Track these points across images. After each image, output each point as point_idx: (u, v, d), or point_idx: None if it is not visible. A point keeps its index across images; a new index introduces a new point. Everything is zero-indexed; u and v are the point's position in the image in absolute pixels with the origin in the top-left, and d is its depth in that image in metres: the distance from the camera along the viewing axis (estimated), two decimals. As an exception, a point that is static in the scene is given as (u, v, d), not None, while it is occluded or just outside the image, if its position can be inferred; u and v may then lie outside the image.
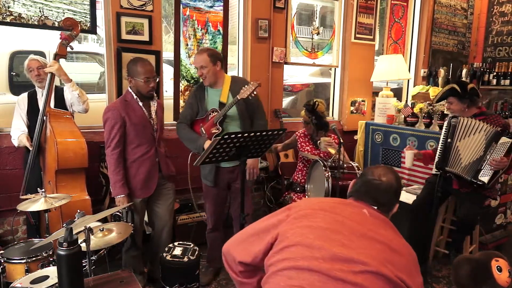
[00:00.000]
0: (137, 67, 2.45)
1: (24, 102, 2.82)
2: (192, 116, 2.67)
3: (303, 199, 1.38)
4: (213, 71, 2.55)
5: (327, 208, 1.28)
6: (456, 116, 2.74)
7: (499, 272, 1.42)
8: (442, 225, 3.33)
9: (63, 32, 2.63)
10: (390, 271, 1.11)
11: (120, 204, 2.45)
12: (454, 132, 2.72)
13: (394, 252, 1.17)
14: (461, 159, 2.73)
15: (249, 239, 1.32)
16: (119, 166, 2.46)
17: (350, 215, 1.26)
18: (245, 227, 1.41)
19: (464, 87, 2.74)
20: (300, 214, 1.27)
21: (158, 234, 2.77)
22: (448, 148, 2.73)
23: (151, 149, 2.56)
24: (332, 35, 4.53)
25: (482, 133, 2.65)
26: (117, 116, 2.43)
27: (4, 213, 3.00)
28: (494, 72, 4.94)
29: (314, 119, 3.09)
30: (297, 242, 1.18)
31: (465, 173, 2.72)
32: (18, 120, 2.80)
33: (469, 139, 2.70)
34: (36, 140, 2.62)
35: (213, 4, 3.64)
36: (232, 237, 1.42)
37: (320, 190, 2.79)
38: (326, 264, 1.11)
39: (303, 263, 1.13)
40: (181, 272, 2.39)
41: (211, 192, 2.74)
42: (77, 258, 1.53)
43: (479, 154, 2.67)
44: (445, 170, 2.75)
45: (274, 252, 1.22)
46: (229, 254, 1.37)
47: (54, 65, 2.61)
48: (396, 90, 5.27)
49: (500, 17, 5.34)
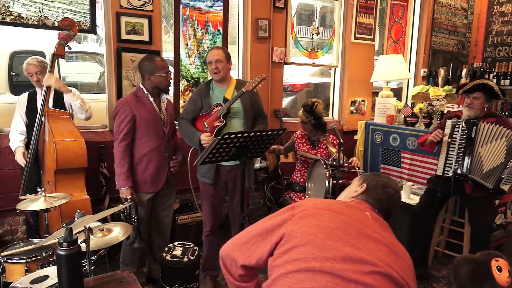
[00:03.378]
0: (155, 63, 2.53)
1: (24, 101, 2.83)
2: (194, 112, 2.67)
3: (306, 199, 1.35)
4: (227, 68, 2.62)
5: (333, 208, 1.26)
6: (475, 120, 2.68)
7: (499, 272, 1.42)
8: (442, 225, 3.33)
9: (61, 32, 2.62)
10: (396, 273, 1.11)
11: (124, 196, 2.47)
12: (475, 138, 2.66)
13: (398, 256, 1.18)
14: (482, 166, 2.66)
15: (252, 241, 1.27)
16: (125, 159, 2.48)
17: (356, 216, 1.25)
18: (244, 229, 1.36)
19: (495, 89, 2.65)
20: (306, 213, 1.23)
21: (158, 234, 2.77)
22: (470, 155, 2.67)
23: (161, 144, 2.58)
24: (332, 35, 4.53)
25: (504, 138, 2.62)
26: (127, 110, 2.47)
27: (4, 213, 3.00)
28: (494, 72, 4.93)
29: (312, 119, 3.09)
30: (306, 241, 1.13)
31: (486, 180, 2.67)
32: (18, 119, 2.81)
33: (491, 145, 2.64)
34: (34, 140, 2.61)
35: (213, 4, 3.64)
36: (230, 239, 1.35)
37: (321, 189, 2.79)
38: (338, 264, 1.08)
39: (315, 264, 1.08)
40: (181, 272, 2.38)
41: (209, 191, 2.69)
42: (77, 258, 1.52)
43: (500, 160, 2.62)
44: (468, 177, 2.69)
45: (281, 252, 1.16)
46: (229, 257, 1.31)
47: (51, 78, 2.60)
48: (396, 90, 5.27)
49: (500, 17, 5.34)
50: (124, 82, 3.24)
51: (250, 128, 2.62)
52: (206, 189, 2.70)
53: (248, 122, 2.63)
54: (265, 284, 1.17)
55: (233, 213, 2.78)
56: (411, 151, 3.83)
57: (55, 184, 2.55)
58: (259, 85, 2.50)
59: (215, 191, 2.70)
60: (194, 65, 3.65)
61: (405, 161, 3.90)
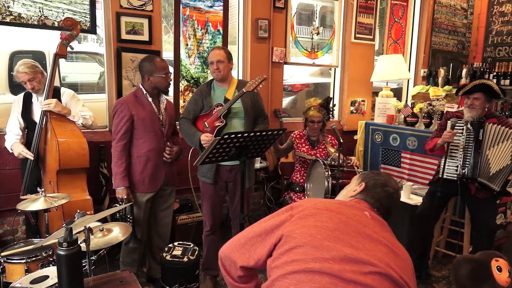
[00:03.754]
0: (155, 63, 2.52)
1: (19, 102, 2.75)
2: (195, 112, 2.67)
3: (305, 199, 1.33)
4: (228, 68, 2.62)
5: (332, 208, 1.25)
6: (480, 121, 2.66)
7: (499, 272, 1.42)
8: (442, 225, 3.33)
9: (63, 32, 2.61)
10: (396, 273, 1.11)
11: (120, 196, 2.48)
12: (483, 140, 2.64)
13: (397, 255, 1.17)
14: (490, 168, 2.65)
15: (251, 242, 1.26)
16: (122, 158, 2.48)
17: (354, 216, 1.24)
18: (243, 230, 1.35)
19: (495, 88, 2.62)
20: (304, 213, 1.23)
21: (157, 234, 2.77)
22: (477, 157, 2.65)
23: (159, 144, 2.58)
24: (332, 35, 4.53)
25: (510, 140, 2.60)
26: (125, 109, 2.47)
27: (4, 213, 3.00)
28: (494, 72, 4.93)
29: (326, 114, 3.12)
30: (305, 242, 1.13)
31: (493, 182, 2.65)
32: (13, 121, 2.73)
33: (497, 147, 2.63)
34: (36, 140, 2.61)
35: (213, 4, 3.64)
36: (229, 240, 1.35)
37: (320, 189, 2.79)
38: (337, 265, 1.08)
39: (314, 265, 1.08)
40: (181, 272, 2.38)
41: (209, 191, 2.70)
42: (77, 258, 1.53)
43: (506, 162, 2.61)
44: (477, 180, 2.67)
45: (280, 253, 1.16)
46: (228, 258, 1.31)
47: (51, 103, 2.54)
48: (396, 90, 5.27)
49: (500, 17, 5.34)
50: (124, 82, 3.24)
51: (251, 129, 2.62)
52: (206, 188, 2.71)
53: (249, 123, 2.63)
54: (264, 285, 1.17)
55: (234, 213, 2.78)
56: (411, 151, 3.83)
57: (57, 184, 2.55)
58: (259, 86, 2.50)
59: (215, 191, 2.70)
60: (194, 65, 3.65)
61: (405, 161, 3.90)
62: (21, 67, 2.61)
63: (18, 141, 2.68)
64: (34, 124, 2.66)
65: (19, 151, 2.62)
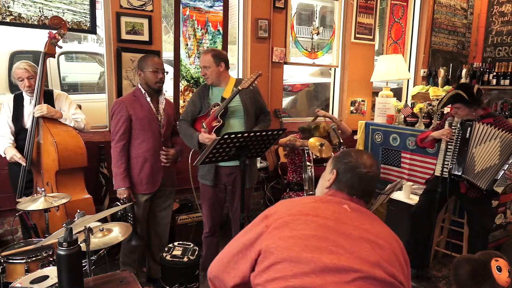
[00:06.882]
0: (147, 60, 2.53)
1: (10, 105, 2.68)
2: (194, 113, 2.67)
3: (279, 202, 1.29)
4: (216, 71, 2.58)
5: (307, 211, 1.20)
6: (470, 121, 2.71)
7: (499, 272, 1.42)
8: (442, 225, 3.33)
9: (51, 31, 2.56)
10: (382, 271, 1.08)
11: (121, 196, 2.48)
12: (470, 138, 2.68)
13: (382, 248, 1.14)
14: (475, 166, 2.70)
15: (233, 259, 1.22)
16: (122, 159, 2.48)
17: (333, 214, 1.19)
18: (226, 245, 1.31)
19: (470, 91, 2.65)
20: (279, 223, 1.18)
21: (156, 235, 2.77)
22: (464, 155, 2.69)
23: (157, 145, 2.57)
24: (332, 35, 4.53)
25: (497, 140, 2.63)
26: (123, 109, 2.47)
27: (4, 213, 3.00)
28: (494, 72, 4.94)
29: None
30: (283, 258, 1.09)
31: (478, 180, 2.69)
32: (3, 124, 2.66)
33: (484, 145, 2.67)
34: (29, 142, 2.54)
35: (213, 4, 3.64)
36: (215, 259, 1.31)
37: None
38: (318, 279, 1.05)
39: (294, 282, 1.05)
40: (181, 272, 2.38)
41: (209, 193, 2.70)
42: (77, 258, 1.53)
43: (494, 162, 2.65)
44: (462, 177, 2.72)
45: (260, 270, 1.13)
46: (218, 279, 1.27)
47: (42, 108, 2.51)
48: (396, 90, 5.27)
49: (500, 17, 5.34)
50: (124, 82, 3.24)
51: (252, 127, 2.62)
52: (206, 191, 2.71)
53: (249, 121, 2.63)
54: None
55: (233, 215, 2.79)
56: (411, 151, 3.83)
57: (56, 184, 2.55)
58: (255, 82, 2.49)
59: (215, 193, 2.71)
60: (194, 65, 3.65)
61: (405, 161, 3.90)
62: (22, 64, 2.62)
63: (11, 146, 2.61)
64: (25, 131, 2.59)
65: (11, 155, 2.56)
